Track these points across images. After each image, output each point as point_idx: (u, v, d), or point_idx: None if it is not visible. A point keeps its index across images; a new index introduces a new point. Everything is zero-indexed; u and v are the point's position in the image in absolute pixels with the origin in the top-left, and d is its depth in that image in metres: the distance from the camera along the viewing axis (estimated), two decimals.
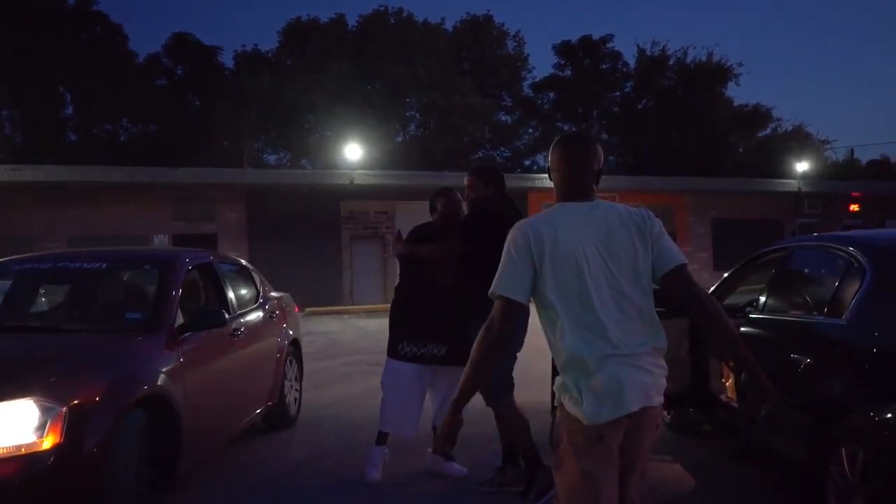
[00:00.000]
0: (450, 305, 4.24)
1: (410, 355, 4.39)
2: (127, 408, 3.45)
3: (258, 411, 5.55)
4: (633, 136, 38.58)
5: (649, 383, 2.18)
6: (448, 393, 4.20)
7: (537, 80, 41.06)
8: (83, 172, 20.24)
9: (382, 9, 37.95)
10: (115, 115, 36.49)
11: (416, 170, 27.51)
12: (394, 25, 37.33)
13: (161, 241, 19.97)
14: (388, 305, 4.65)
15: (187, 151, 31.25)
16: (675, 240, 2.49)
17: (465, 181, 4.34)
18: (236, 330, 5.05)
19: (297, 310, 7.11)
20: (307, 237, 20.95)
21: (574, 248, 2.18)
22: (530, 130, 41.12)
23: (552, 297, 2.18)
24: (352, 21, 38.47)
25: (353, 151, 22.48)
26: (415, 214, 21.84)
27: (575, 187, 2.32)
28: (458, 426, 2.27)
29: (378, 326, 17.85)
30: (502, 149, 40.68)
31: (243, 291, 5.79)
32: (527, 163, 40.27)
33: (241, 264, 6.15)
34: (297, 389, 6.50)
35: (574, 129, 40.23)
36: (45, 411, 3.04)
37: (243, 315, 5.37)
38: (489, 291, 2.24)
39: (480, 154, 39.47)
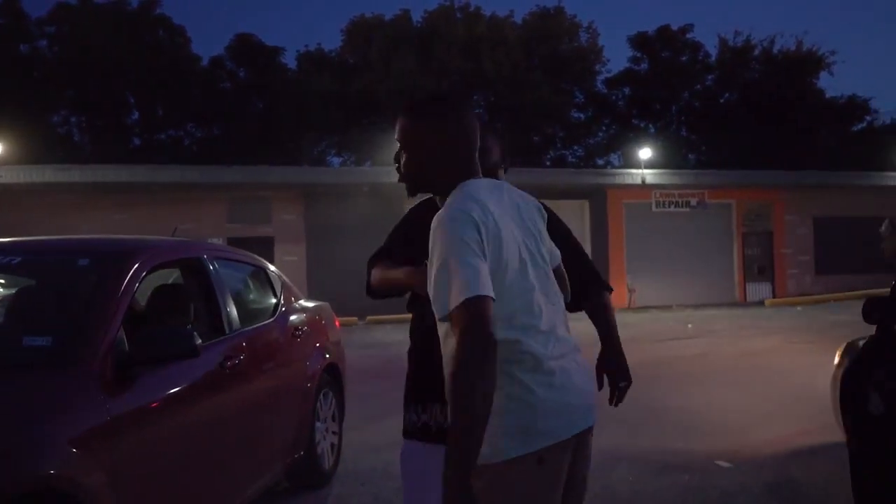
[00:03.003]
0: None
1: (411, 429, 2.42)
2: None
3: (274, 470, 3.88)
4: (715, 133, 36.00)
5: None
6: None
7: (611, 74, 38.91)
8: (133, 172, 19.23)
9: (448, 3, 36.50)
10: (179, 119, 36.03)
11: None
12: (460, 20, 35.82)
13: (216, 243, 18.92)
14: None
15: (248, 154, 30.36)
16: (771, 241, 0.70)
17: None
18: (233, 357, 3.39)
19: (337, 324, 5.41)
20: (367, 239, 19.45)
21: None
22: (604, 128, 39.03)
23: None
24: (417, 17, 37.17)
25: None
26: None
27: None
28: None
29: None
30: (575, 147, 38.72)
31: (253, 300, 4.14)
32: (600, 162, 38.15)
33: (253, 262, 4.46)
34: (334, 432, 4.81)
35: (651, 126, 38.06)
36: None
37: (247, 334, 3.70)
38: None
39: (551, 154, 37.65)
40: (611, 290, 2.50)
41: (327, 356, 4.76)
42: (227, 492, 3.29)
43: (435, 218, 1.73)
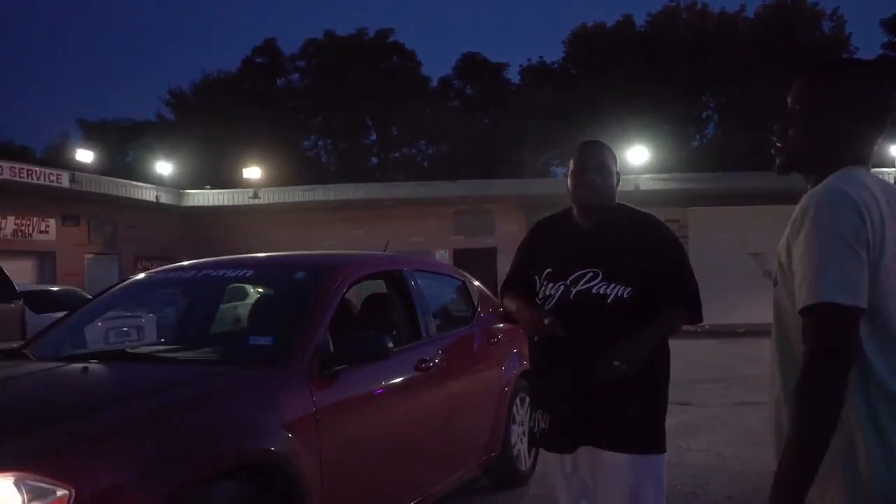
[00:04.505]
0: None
1: (529, 435, 2.64)
2: (202, 481, 2.28)
3: (469, 467, 4.18)
4: None
5: None
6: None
7: None
8: (368, 190, 20.88)
9: (674, 4, 35.40)
10: (411, 137, 38.36)
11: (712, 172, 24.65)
12: (686, 20, 34.58)
13: (442, 255, 19.95)
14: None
15: (473, 167, 31.60)
16: None
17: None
18: (428, 360, 3.75)
19: None
20: None
21: None
22: None
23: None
24: (640, 21, 36.45)
25: (638, 155, 20.60)
26: (709, 222, 19.37)
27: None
28: None
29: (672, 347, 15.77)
30: None
31: (449, 309, 4.48)
32: None
33: (452, 274, 4.83)
34: None
35: None
36: (34, 496, 1.95)
37: (443, 340, 4.04)
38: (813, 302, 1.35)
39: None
40: (699, 318, 2.54)
41: (525, 362, 4.99)
42: (421, 481, 3.64)
43: (806, 197, 1.47)
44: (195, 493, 2.28)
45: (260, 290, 4.12)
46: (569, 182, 2.56)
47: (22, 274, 15.54)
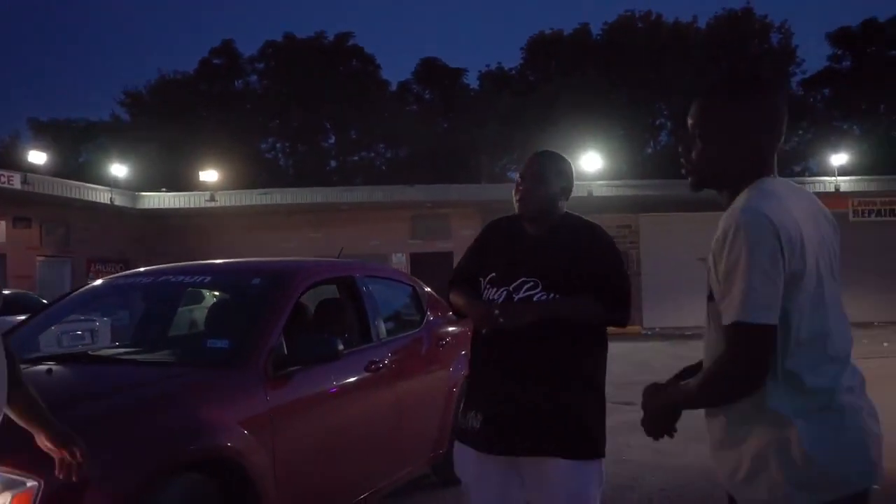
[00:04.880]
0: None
1: (456, 429, 2.72)
2: (162, 475, 2.46)
3: (417, 463, 4.39)
4: None
5: None
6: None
7: (808, 75, 36.55)
8: (325, 194, 20.96)
9: (629, 13, 36.16)
10: (370, 141, 38.47)
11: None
12: (641, 29, 35.35)
13: (399, 259, 20.10)
14: (634, 328, 3.06)
15: (432, 172, 31.84)
16: None
17: None
18: (378, 362, 3.95)
19: None
20: None
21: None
22: (800, 132, 36.64)
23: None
24: (596, 29, 37.13)
25: (591, 162, 21.04)
26: (660, 228, 19.85)
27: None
28: None
29: (614, 352, 16.14)
30: None
31: (400, 313, 4.69)
32: (797, 168, 35.84)
33: (403, 280, 5.05)
34: None
35: (856, 127, 35.29)
36: (4, 486, 2.11)
37: (393, 342, 4.25)
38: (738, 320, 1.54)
39: None
40: (623, 323, 2.57)
41: None
42: (371, 476, 3.84)
43: (727, 217, 1.58)
44: (155, 486, 2.46)
45: (216, 294, 4.28)
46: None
47: None
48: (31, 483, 2.15)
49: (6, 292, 13.20)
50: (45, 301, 13.52)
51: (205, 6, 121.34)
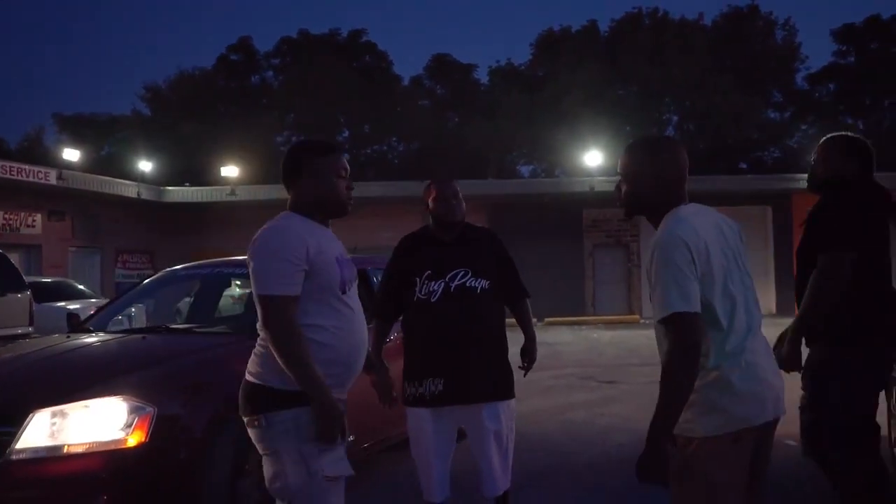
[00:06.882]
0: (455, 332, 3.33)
1: (411, 399, 3.38)
2: (227, 411, 3.46)
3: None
4: None
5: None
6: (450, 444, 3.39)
7: (812, 71, 37.13)
8: None
9: (636, 10, 36.82)
10: (382, 135, 39.37)
11: None
12: (647, 26, 36.00)
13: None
14: (633, 316, 4.00)
15: (445, 167, 32.71)
16: None
17: (817, 151, 3.39)
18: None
19: None
20: (549, 246, 20.76)
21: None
22: (804, 127, 37.24)
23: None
24: (604, 26, 37.81)
25: (593, 158, 21.92)
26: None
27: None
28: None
29: (611, 339, 17.09)
30: (772, 148, 37.35)
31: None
32: (803, 163, 36.47)
33: None
34: None
35: (860, 122, 35.82)
36: (132, 410, 3.13)
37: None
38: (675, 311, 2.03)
39: (751, 156, 36.57)
40: (528, 295, 3.57)
41: None
42: (381, 428, 4.86)
43: (653, 240, 2.12)
44: (222, 419, 3.46)
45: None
46: (432, 205, 3.39)
47: None
48: (149, 408, 3.17)
49: (47, 280, 14.32)
50: (81, 288, 14.64)
51: (222, 4, 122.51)
